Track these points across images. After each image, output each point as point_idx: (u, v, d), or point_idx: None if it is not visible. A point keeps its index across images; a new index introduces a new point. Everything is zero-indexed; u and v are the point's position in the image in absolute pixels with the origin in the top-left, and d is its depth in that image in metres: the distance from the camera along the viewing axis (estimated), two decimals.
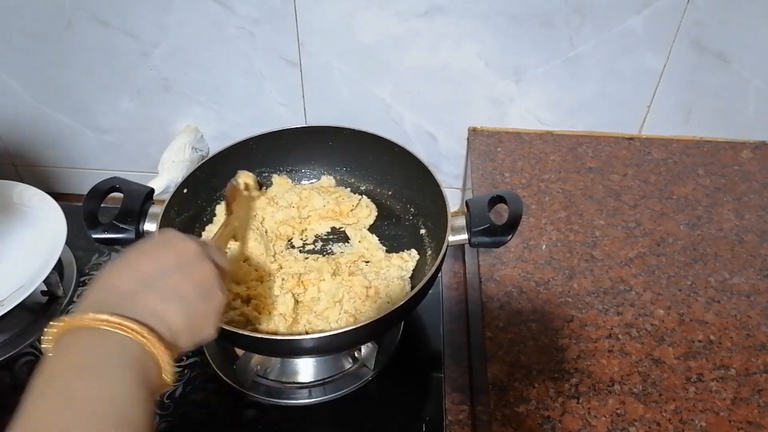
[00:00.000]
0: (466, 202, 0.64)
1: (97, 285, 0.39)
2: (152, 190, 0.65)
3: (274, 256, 0.70)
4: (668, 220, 0.73)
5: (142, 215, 0.62)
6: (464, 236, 0.61)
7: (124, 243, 0.62)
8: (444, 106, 0.86)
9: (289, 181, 0.79)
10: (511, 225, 0.59)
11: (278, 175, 0.79)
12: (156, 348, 0.36)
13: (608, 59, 0.78)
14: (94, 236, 0.61)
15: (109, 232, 0.61)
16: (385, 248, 0.73)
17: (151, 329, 0.37)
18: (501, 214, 0.65)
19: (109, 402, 0.33)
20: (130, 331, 0.35)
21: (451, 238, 0.61)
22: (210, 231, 0.73)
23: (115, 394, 0.33)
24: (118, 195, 0.63)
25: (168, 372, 0.37)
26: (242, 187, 0.68)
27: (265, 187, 0.78)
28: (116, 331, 0.35)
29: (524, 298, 0.64)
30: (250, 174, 0.70)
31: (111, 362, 0.35)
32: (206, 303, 0.42)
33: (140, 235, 0.62)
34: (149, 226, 0.62)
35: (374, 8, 0.76)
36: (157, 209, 0.63)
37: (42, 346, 0.36)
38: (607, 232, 0.72)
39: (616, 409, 0.54)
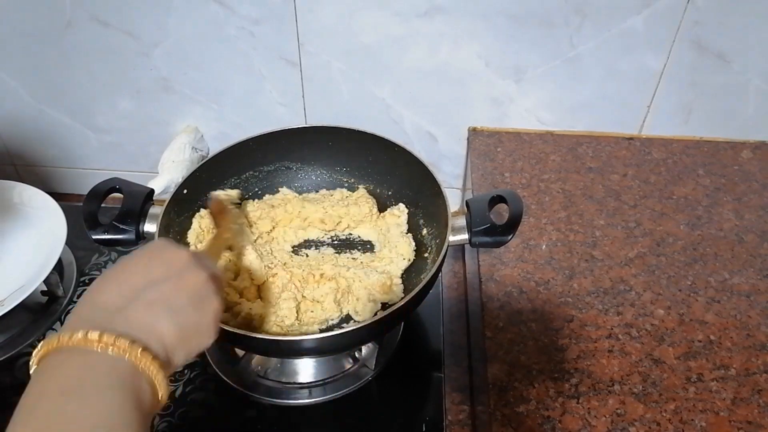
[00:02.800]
0: (467, 201, 0.64)
1: (85, 301, 0.38)
2: (152, 191, 0.64)
3: (271, 262, 0.69)
4: (668, 220, 0.73)
5: (142, 216, 0.62)
6: (465, 236, 0.61)
7: (124, 244, 0.62)
8: (444, 106, 0.86)
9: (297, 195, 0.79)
10: (512, 225, 0.59)
11: (287, 188, 0.79)
12: (148, 366, 0.35)
13: (608, 59, 0.78)
14: (94, 237, 0.61)
15: (109, 233, 0.61)
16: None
17: (143, 346, 0.35)
18: (501, 214, 0.65)
19: (96, 426, 0.31)
20: (119, 350, 0.34)
21: (452, 238, 0.61)
22: (189, 242, 0.71)
23: (104, 418, 0.32)
24: (119, 195, 0.63)
25: (163, 389, 0.36)
26: (224, 199, 0.68)
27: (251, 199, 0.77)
28: (106, 351, 0.34)
29: (524, 298, 0.64)
30: (230, 191, 0.72)
31: (100, 384, 0.33)
32: (200, 311, 0.40)
33: (140, 235, 0.62)
34: (149, 226, 0.62)
35: (374, 8, 0.76)
36: (157, 210, 0.63)
37: (30, 366, 0.34)
38: (607, 232, 0.72)
39: (616, 409, 0.54)
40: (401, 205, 0.75)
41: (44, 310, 0.77)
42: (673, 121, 0.84)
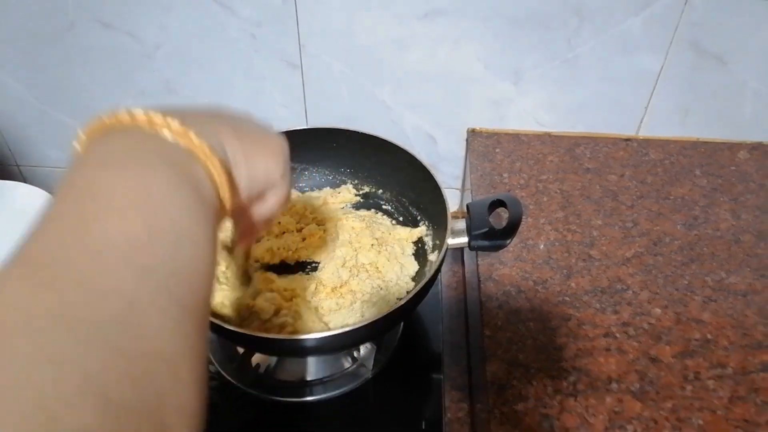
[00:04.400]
0: (467, 205, 0.64)
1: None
2: None
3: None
4: (665, 220, 0.74)
5: None
6: (464, 239, 0.62)
7: None
8: (443, 107, 0.86)
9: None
10: (511, 229, 0.60)
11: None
12: (208, 157, 0.28)
13: (606, 61, 0.79)
14: None
15: None
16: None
17: (198, 135, 0.28)
18: (501, 216, 0.65)
19: (144, 196, 0.25)
20: (174, 133, 0.27)
21: (451, 241, 0.62)
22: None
23: (155, 188, 0.25)
24: None
25: (225, 190, 0.29)
26: None
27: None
28: (158, 132, 0.27)
29: (522, 298, 0.65)
30: None
31: (149, 158, 0.26)
32: (266, 135, 0.35)
33: None
34: None
35: (374, 10, 0.77)
36: None
37: (73, 150, 0.29)
38: (605, 232, 0.72)
39: (614, 407, 0.55)
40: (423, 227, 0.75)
41: None
42: (671, 122, 0.85)
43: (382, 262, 0.70)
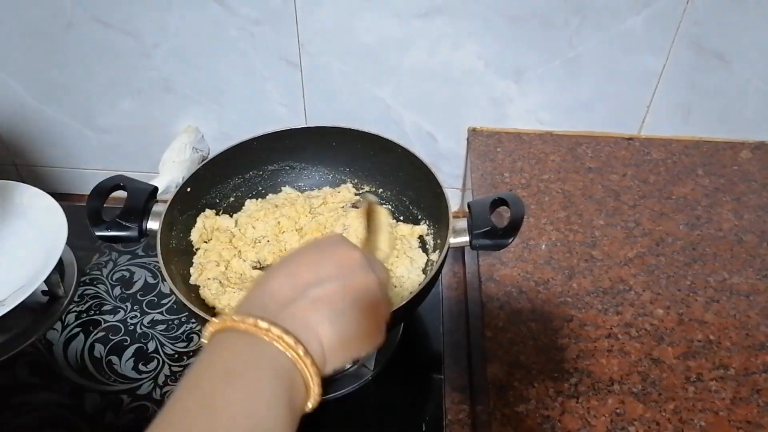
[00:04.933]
0: (468, 204, 0.64)
1: (258, 287, 0.38)
2: (156, 189, 0.65)
3: None
4: (667, 220, 0.73)
5: (145, 213, 0.63)
6: (465, 238, 0.61)
7: (127, 241, 0.62)
8: (444, 106, 0.86)
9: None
10: (513, 228, 0.59)
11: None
12: (308, 368, 0.34)
13: (608, 60, 0.79)
14: (98, 234, 0.61)
15: (112, 230, 0.61)
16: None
17: (306, 350, 0.34)
18: (502, 215, 0.65)
19: (251, 415, 0.31)
20: (285, 345, 0.34)
21: (453, 240, 0.61)
22: (192, 240, 0.71)
23: (260, 407, 0.32)
24: (121, 195, 0.64)
25: (314, 395, 0.35)
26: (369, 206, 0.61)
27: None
28: (272, 343, 0.34)
29: (524, 298, 0.64)
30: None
31: (262, 371, 0.33)
32: (365, 317, 0.38)
33: (143, 233, 0.62)
34: (152, 224, 0.62)
35: (374, 9, 0.76)
36: (160, 207, 0.64)
37: (202, 339, 0.36)
38: (607, 232, 0.72)
39: (616, 408, 0.55)
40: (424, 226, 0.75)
41: (45, 310, 0.77)
42: (673, 121, 0.85)
43: (391, 259, 0.69)
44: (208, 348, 0.35)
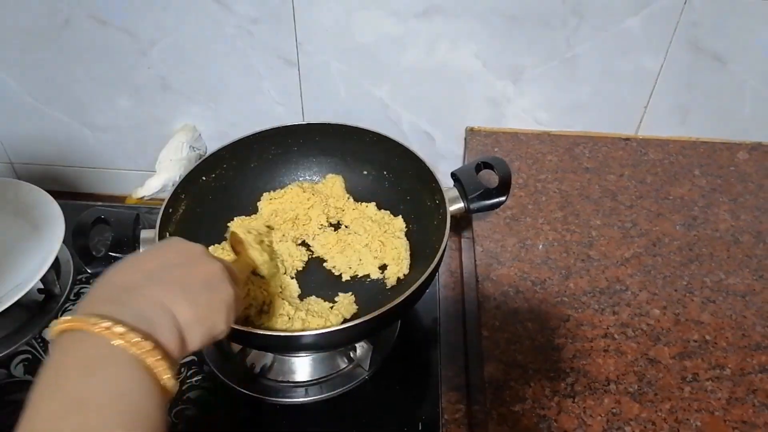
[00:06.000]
0: (453, 173, 0.67)
1: (103, 281, 0.39)
2: (138, 215, 0.64)
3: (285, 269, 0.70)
4: (664, 221, 0.74)
5: (135, 241, 0.61)
6: (461, 205, 0.65)
7: None
8: (441, 106, 0.86)
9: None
10: (504, 186, 0.63)
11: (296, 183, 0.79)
12: (156, 360, 0.35)
13: (605, 60, 0.79)
14: (93, 272, 0.60)
15: (107, 265, 0.59)
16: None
17: (154, 343, 0.35)
18: (488, 179, 0.68)
19: (118, 404, 0.32)
20: (128, 343, 0.34)
21: (451, 209, 0.64)
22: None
23: (125, 396, 0.33)
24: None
25: (169, 385, 0.36)
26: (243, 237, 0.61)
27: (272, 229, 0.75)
28: (115, 340, 0.34)
29: (521, 298, 0.64)
30: (254, 225, 0.67)
31: (118, 365, 0.34)
32: (214, 295, 0.41)
33: None
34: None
35: (372, 8, 0.76)
36: (149, 233, 0.62)
37: (49, 338, 0.36)
38: (604, 232, 0.72)
39: (612, 408, 0.55)
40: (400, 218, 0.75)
41: (41, 307, 0.77)
42: (670, 121, 0.85)
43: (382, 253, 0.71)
44: (58, 348, 0.35)
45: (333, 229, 0.75)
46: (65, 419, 0.31)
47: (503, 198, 0.65)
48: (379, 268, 0.70)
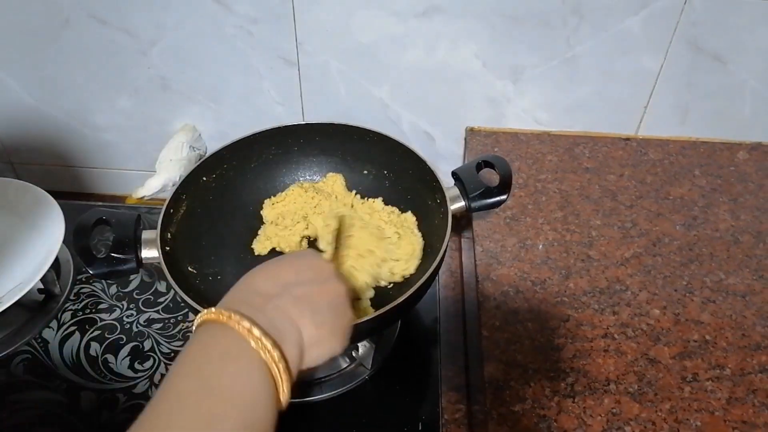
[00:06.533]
0: (454, 172, 0.67)
1: (243, 284, 0.42)
2: (140, 216, 0.63)
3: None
4: (664, 221, 0.74)
5: (137, 242, 0.61)
6: (462, 203, 0.65)
7: (126, 273, 0.60)
8: (441, 105, 0.86)
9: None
10: (505, 184, 0.63)
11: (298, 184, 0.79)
12: (280, 372, 0.37)
13: (605, 60, 0.79)
14: (94, 273, 0.59)
15: (109, 266, 0.59)
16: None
17: (281, 354, 0.37)
18: (489, 178, 0.68)
19: (244, 397, 0.34)
20: (262, 347, 0.36)
21: (452, 207, 0.64)
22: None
23: (251, 391, 0.35)
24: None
25: (284, 395, 0.38)
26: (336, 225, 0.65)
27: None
28: (251, 341, 0.37)
29: (521, 298, 0.64)
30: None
31: (251, 360, 0.36)
32: (337, 317, 0.43)
33: (140, 262, 0.60)
34: (147, 252, 0.61)
35: (372, 8, 0.76)
36: (150, 234, 0.62)
37: (193, 326, 0.39)
38: (604, 232, 0.72)
39: (612, 408, 0.55)
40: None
41: (41, 308, 0.77)
42: (670, 121, 0.85)
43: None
44: (199, 335, 0.38)
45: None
46: (198, 401, 0.33)
47: (504, 196, 0.65)
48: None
